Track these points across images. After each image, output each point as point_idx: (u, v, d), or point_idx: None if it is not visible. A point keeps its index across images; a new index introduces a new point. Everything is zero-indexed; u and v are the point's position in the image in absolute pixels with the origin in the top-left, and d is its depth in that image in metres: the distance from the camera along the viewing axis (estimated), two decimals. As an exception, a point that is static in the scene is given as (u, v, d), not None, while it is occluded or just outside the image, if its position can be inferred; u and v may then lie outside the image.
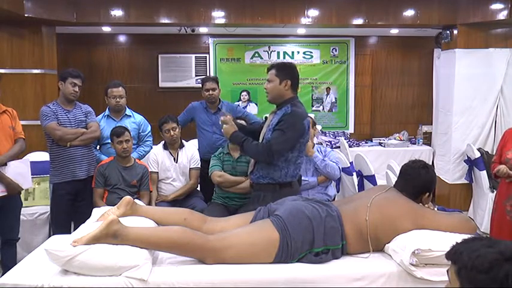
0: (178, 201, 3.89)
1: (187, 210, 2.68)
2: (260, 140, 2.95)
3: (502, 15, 4.79)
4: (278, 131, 2.76)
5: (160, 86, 6.45)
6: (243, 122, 3.54)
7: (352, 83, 6.65)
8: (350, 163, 4.32)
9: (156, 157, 3.97)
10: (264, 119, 3.22)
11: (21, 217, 3.57)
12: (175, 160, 3.98)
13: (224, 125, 2.95)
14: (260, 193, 2.90)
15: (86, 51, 6.38)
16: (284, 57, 6.51)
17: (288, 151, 2.82)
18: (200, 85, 4.39)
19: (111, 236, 2.16)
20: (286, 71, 2.87)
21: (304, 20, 5.09)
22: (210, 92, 4.24)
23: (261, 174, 2.88)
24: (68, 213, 3.70)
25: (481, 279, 1.11)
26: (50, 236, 3.55)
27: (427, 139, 6.51)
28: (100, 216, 2.53)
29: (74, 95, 3.65)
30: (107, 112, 4.09)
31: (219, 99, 4.36)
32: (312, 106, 6.66)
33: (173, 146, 4.00)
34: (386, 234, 2.38)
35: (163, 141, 4.05)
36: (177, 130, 3.95)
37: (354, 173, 4.21)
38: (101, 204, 3.51)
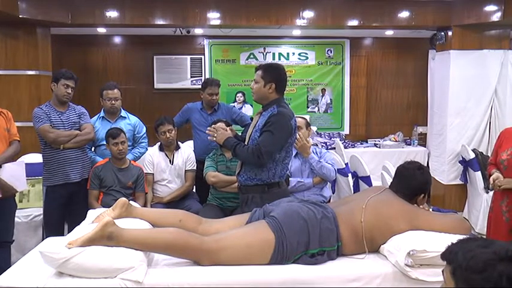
0: (173, 203, 3.89)
1: (182, 211, 2.68)
2: (246, 141, 2.94)
3: (496, 17, 4.82)
4: (267, 133, 2.74)
5: (155, 87, 6.44)
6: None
7: (347, 84, 6.67)
8: (345, 164, 4.33)
9: (152, 158, 3.97)
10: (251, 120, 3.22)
11: (16, 219, 3.55)
12: (171, 162, 3.97)
13: (218, 132, 2.91)
14: (248, 195, 2.88)
15: (81, 53, 6.36)
16: (279, 59, 6.52)
17: (277, 152, 2.82)
18: (195, 86, 4.38)
19: (106, 237, 2.16)
20: (273, 74, 2.85)
21: (299, 22, 5.10)
22: (214, 97, 4.23)
23: (249, 175, 2.85)
24: (61, 216, 3.68)
25: (476, 279, 1.12)
26: (43, 238, 3.53)
27: (422, 140, 6.54)
28: (95, 218, 2.53)
29: (66, 96, 3.62)
30: (102, 114, 4.07)
31: (216, 101, 4.36)
32: (307, 107, 6.67)
33: (169, 148, 3.99)
34: (382, 235, 2.39)
35: (159, 143, 4.04)
36: (173, 132, 3.94)
37: (349, 174, 4.22)
38: (96, 206, 3.51)
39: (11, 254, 3.42)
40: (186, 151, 4.09)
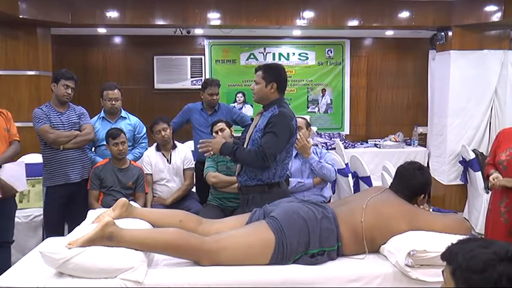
0: (173, 203, 3.89)
1: (182, 212, 2.68)
2: (246, 142, 2.94)
3: (496, 17, 4.82)
4: (270, 134, 2.73)
5: (155, 87, 6.44)
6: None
7: (347, 84, 6.67)
8: (345, 164, 4.33)
9: (149, 159, 3.97)
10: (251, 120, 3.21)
11: (16, 219, 3.55)
12: (169, 161, 3.98)
13: (211, 143, 2.86)
14: (248, 196, 2.87)
15: (81, 53, 6.36)
16: (279, 59, 6.52)
17: (280, 152, 2.82)
18: (195, 86, 4.37)
19: (106, 238, 2.16)
20: (273, 73, 2.85)
21: (299, 22, 5.10)
22: (214, 97, 4.24)
23: (249, 176, 2.85)
24: (61, 216, 3.68)
25: (476, 279, 1.12)
26: (43, 239, 3.53)
27: (422, 140, 6.54)
28: (95, 218, 2.53)
29: (67, 97, 3.62)
30: (102, 114, 4.08)
31: (216, 101, 4.36)
32: (308, 107, 6.67)
33: (166, 147, 4.00)
34: (382, 235, 2.39)
35: (155, 144, 4.05)
36: (168, 131, 3.95)
37: (350, 174, 4.22)
38: (96, 206, 3.51)
39: (11, 254, 3.41)
40: (183, 150, 4.10)
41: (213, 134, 3.83)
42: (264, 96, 2.88)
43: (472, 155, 5.04)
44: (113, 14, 4.91)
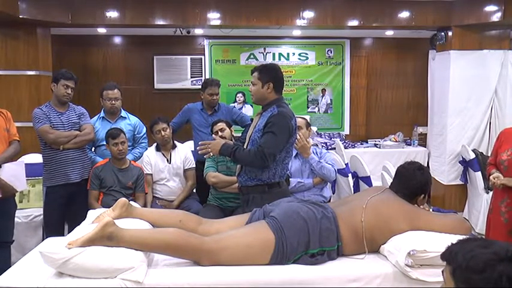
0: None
1: (182, 212, 2.69)
2: (246, 142, 2.94)
3: (496, 17, 4.82)
4: (269, 134, 2.74)
5: (155, 87, 6.43)
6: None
7: (347, 84, 6.67)
8: (345, 164, 4.33)
9: (149, 159, 3.98)
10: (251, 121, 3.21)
11: (16, 219, 3.55)
12: (169, 161, 3.98)
13: (210, 145, 2.87)
14: (249, 196, 2.88)
15: (81, 53, 6.36)
16: (279, 59, 6.52)
17: (280, 152, 2.82)
18: (195, 86, 4.37)
19: (106, 238, 2.16)
20: (269, 73, 2.86)
21: (299, 22, 5.10)
22: (214, 97, 4.24)
23: (249, 176, 2.85)
24: (61, 216, 3.68)
25: (476, 279, 1.12)
26: (43, 239, 3.53)
27: (422, 140, 6.53)
28: (95, 218, 2.53)
29: (66, 97, 3.63)
30: (102, 114, 4.08)
31: (216, 101, 4.37)
32: (308, 107, 6.67)
33: (165, 147, 4.00)
34: (382, 235, 2.39)
35: (155, 144, 4.05)
36: (168, 130, 3.95)
37: (350, 174, 4.22)
38: (96, 206, 3.51)
39: (11, 254, 3.42)
40: (183, 150, 4.10)
41: (213, 134, 3.83)
42: (261, 97, 2.88)
43: (472, 155, 5.04)
44: (113, 14, 4.91)
